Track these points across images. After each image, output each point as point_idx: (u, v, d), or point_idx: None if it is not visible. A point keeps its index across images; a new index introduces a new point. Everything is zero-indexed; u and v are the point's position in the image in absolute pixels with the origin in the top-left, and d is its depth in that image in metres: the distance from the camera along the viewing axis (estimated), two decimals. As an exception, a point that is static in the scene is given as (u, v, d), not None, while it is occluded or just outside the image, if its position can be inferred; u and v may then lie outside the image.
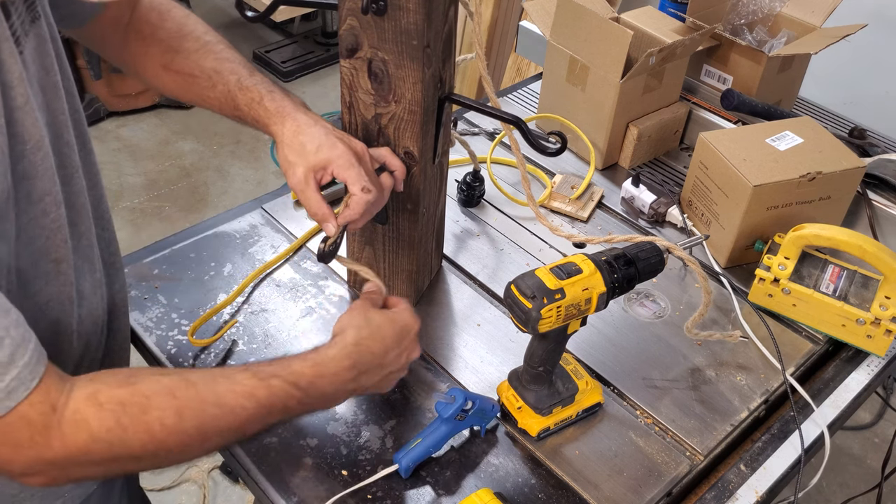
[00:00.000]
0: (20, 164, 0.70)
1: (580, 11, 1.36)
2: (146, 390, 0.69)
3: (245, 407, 0.73)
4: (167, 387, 0.70)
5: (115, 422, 0.67)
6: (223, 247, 1.22)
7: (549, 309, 0.86)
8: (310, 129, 0.90)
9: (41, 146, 0.71)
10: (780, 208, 1.18)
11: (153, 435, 0.68)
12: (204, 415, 0.71)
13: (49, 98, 0.75)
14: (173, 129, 3.41)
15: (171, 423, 0.69)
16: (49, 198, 0.74)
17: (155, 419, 0.68)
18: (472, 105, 1.02)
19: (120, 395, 0.68)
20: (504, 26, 2.64)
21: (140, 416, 0.68)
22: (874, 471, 2.20)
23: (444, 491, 0.91)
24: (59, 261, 0.77)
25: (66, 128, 0.78)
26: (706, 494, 0.94)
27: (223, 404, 0.72)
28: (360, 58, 0.92)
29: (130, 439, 0.67)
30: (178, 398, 0.70)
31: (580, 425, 0.99)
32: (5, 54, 0.66)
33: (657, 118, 1.44)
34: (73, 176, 0.80)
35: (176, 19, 0.97)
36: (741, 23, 1.56)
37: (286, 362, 0.78)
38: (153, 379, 0.71)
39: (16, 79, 0.67)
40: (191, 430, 0.70)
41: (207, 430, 0.71)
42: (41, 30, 0.73)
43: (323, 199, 0.91)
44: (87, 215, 0.84)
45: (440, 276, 1.20)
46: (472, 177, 1.31)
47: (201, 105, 0.98)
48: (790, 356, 1.09)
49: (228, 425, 0.73)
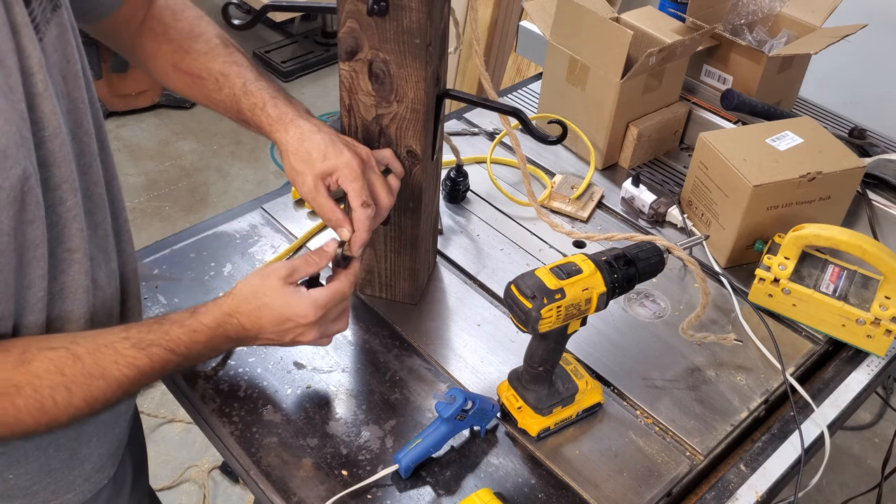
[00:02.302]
0: (39, 151, 0.71)
1: (580, 11, 1.36)
2: (38, 370, 0.74)
3: (127, 376, 0.79)
4: (57, 365, 0.75)
5: (10, 403, 0.72)
6: (223, 247, 1.22)
7: (549, 309, 0.86)
8: (314, 136, 0.91)
9: (59, 133, 0.72)
10: (780, 208, 1.18)
11: (45, 412, 0.74)
12: (91, 388, 0.77)
13: (70, 87, 0.76)
14: (173, 129, 3.41)
15: (61, 399, 0.75)
16: (66, 185, 0.75)
17: (47, 397, 0.74)
18: (470, 100, 1.02)
19: (15, 378, 0.73)
20: (504, 26, 2.64)
21: (33, 395, 0.73)
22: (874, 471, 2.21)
23: (444, 491, 0.91)
24: (74, 250, 0.78)
25: (86, 116, 0.78)
26: (706, 494, 0.94)
27: (108, 376, 0.78)
28: (360, 60, 0.92)
29: (25, 419, 0.73)
30: (66, 375, 0.75)
31: (580, 425, 0.99)
32: (25, 40, 0.67)
33: (657, 118, 1.44)
34: (90, 165, 0.80)
35: (189, 20, 0.98)
36: (741, 23, 1.56)
37: (165, 328, 0.83)
38: (43, 356, 0.75)
39: (35, 65, 0.68)
40: (80, 404, 0.76)
41: (95, 401, 0.78)
42: (62, 18, 0.74)
43: (336, 205, 0.92)
44: (104, 205, 0.84)
45: (440, 276, 1.20)
46: (455, 172, 1.32)
47: (208, 107, 0.99)
48: (790, 356, 1.09)
49: (114, 393, 0.79)
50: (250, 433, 0.95)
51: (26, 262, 0.72)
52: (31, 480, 0.84)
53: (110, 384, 0.78)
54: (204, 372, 1.02)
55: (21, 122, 0.66)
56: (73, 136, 0.76)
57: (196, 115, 3.45)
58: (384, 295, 1.14)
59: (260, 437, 0.95)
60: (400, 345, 1.08)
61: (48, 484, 0.86)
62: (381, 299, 1.14)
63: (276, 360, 1.04)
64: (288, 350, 1.05)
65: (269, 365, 1.03)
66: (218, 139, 3.37)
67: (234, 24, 1.04)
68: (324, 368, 1.03)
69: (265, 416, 0.97)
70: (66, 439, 0.86)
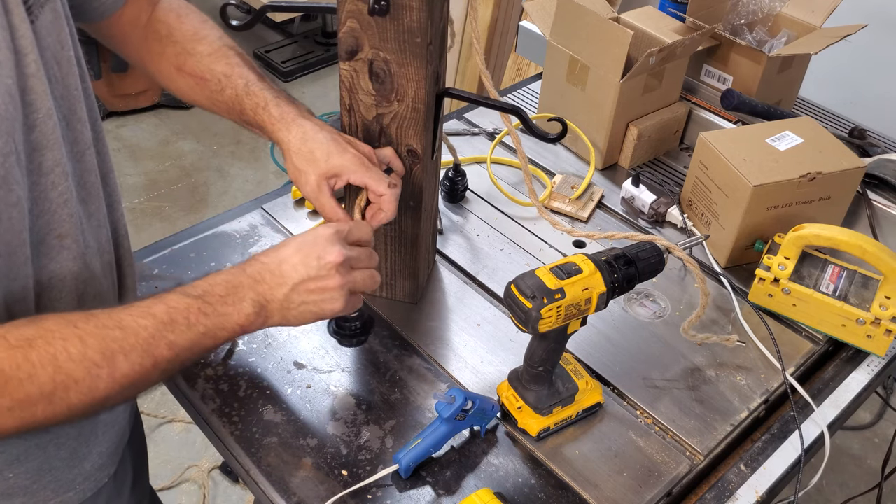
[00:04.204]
0: (33, 134, 0.71)
1: (580, 11, 1.36)
2: (50, 325, 0.70)
3: (145, 326, 0.73)
4: (70, 320, 0.71)
5: (23, 357, 0.67)
6: (223, 247, 1.22)
7: (549, 309, 0.86)
8: (316, 135, 0.91)
9: (51, 116, 0.72)
10: (780, 208, 1.18)
11: (59, 366, 0.68)
12: (106, 338, 0.71)
13: (64, 72, 0.76)
14: (173, 129, 3.41)
15: (75, 350, 0.69)
16: (59, 169, 0.74)
17: (60, 349, 0.68)
18: (470, 98, 1.02)
19: (27, 332, 0.69)
20: (504, 26, 2.64)
21: (46, 347, 0.68)
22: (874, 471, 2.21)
23: (444, 491, 0.91)
24: (64, 235, 0.77)
25: (80, 103, 0.78)
26: (706, 494, 0.94)
27: (124, 326, 0.72)
28: (360, 59, 0.92)
29: (39, 374, 0.67)
30: (79, 328, 0.70)
31: (580, 425, 0.99)
32: (17, 19, 0.67)
33: (657, 118, 1.44)
34: (84, 153, 0.80)
35: (192, 22, 0.99)
36: (741, 23, 1.56)
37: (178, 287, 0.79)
38: (57, 315, 0.71)
39: (28, 45, 0.68)
40: (96, 357, 0.70)
41: (113, 354, 0.71)
42: (56, 5, 0.74)
43: (338, 204, 0.92)
44: (98, 194, 0.84)
45: (440, 275, 1.20)
46: (453, 171, 1.32)
47: (212, 109, 0.99)
48: (790, 356, 1.09)
49: (132, 346, 0.72)
50: (250, 433, 0.95)
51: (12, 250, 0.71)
52: (31, 479, 0.84)
53: (127, 335, 0.72)
54: (204, 372, 1.02)
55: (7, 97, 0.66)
56: (66, 122, 0.76)
57: (196, 115, 3.45)
58: (385, 294, 1.14)
59: (260, 437, 0.95)
60: (400, 345, 1.08)
61: (49, 482, 0.86)
62: (380, 299, 1.14)
63: (276, 360, 1.04)
64: (288, 350, 1.05)
65: (269, 365, 1.03)
66: (218, 139, 3.37)
67: (233, 25, 1.04)
68: (324, 368, 1.03)
69: (265, 416, 0.97)
70: (66, 437, 0.86)
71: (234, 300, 0.79)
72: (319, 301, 0.83)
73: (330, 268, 0.82)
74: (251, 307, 0.80)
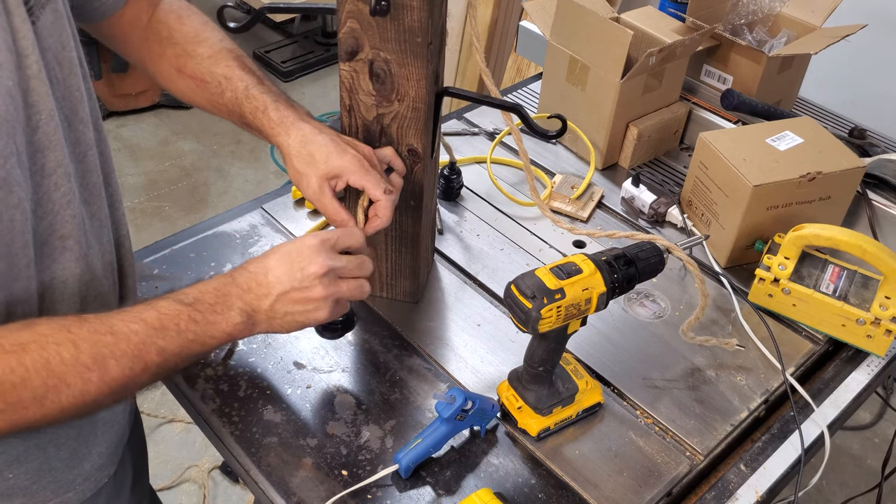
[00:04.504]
0: (35, 136, 0.71)
1: (580, 11, 1.36)
2: (44, 329, 0.71)
3: (136, 331, 0.75)
4: (63, 325, 0.72)
5: (17, 362, 0.68)
6: (223, 247, 1.22)
7: (549, 309, 0.86)
8: (316, 137, 0.91)
9: (53, 116, 0.72)
10: (780, 208, 1.18)
11: (52, 370, 0.69)
12: (98, 343, 0.72)
13: (66, 73, 0.76)
14: (173, 129, 3.41)
15: (68, 355, 0.70)
16: (61, 170, 0.75)
17: (54, 353, 0.70)
18: (469, 96, 1.02)
19: (21, 337, 0.70)
20: (504, 26, 2.64)
21: (39, 352, 0.69)
22: (874, 471, 2.20)
23: (444, 491, 0.91)
24: (67, 236, 0.78)
25: (81, 104, 0.79)
26: (706, 494, 0.94)
27: (116, 332, 0.74)
28: (360, 60, 0.92)
29: (32, 378, 0.68)
30: (72, 332, 0.71)
31: (580, 425, 0.99)
32: (18, 21, 0.67)
33: (657, 118, 1.44)
34: (86, 153, 0.80)
35: (193, 24, 0.99)
36: (741, 23, 1.56)
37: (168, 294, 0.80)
38: (50, 319, 0.72)
39: (29, 46, 0.68)
40: (87, 361, 0.71)
41: (104, 359, 0.72)
42: (58, 6, 0.74)
43: (341, 206, 0.92)
44: (100, 195, 0.84)
45: (440, 275, 1.20)
46: (449, 169, 1.32)
47: (211, 111, 0.99)
48: (790, 356, 1.09)
49: (123, 352, 0.73)
50: (250, 433, 0.95)
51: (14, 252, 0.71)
52: (31, 479, 0.84)
53: (119, 340, 0.73)
54: (204, 372, 1.02)
55: (8, 99, 0.66)
56: (68, 123, 0.76)
57: (196, 115, 3.45)
58: (385, 294, 1.14)
59: (260, 437, 0.95)
60: (400, 345, 1.08)
61: (48, 483, 0.86)
62: (380, 299, 1.14)
63: (276, 360, 1.04)
64: (288, 350, 1.05)
65: (269, 365, 1.03)
66: (218, 139, 3.37)
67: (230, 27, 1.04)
68: (324, 368, 1.03)
69: (265, 416, 0.97)
70: (66, 438, 0.86)
71: (223, 308, 0.81)
72: (304, 311, 0.84)
73: (313, 279, 0.83)
74: (239, 316, 0.82)
